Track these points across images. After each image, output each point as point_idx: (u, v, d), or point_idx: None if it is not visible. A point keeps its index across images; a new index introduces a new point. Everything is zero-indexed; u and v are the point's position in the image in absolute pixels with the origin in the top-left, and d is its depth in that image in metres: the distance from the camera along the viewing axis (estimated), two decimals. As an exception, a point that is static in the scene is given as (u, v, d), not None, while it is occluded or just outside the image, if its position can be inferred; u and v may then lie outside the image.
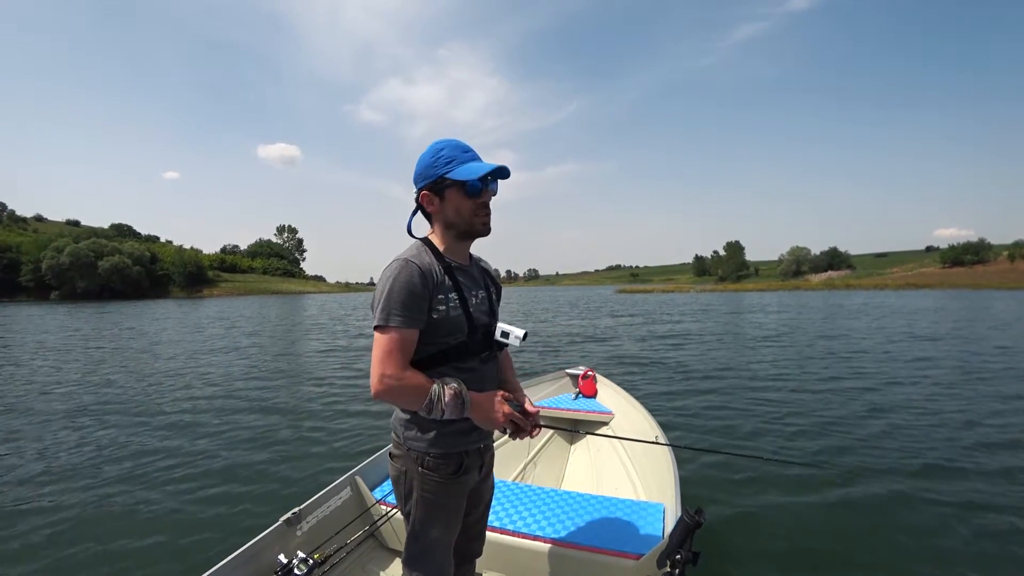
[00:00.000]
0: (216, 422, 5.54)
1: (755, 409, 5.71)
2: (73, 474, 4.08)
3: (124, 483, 3.89)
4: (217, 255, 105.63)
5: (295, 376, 8.42)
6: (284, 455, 4.44)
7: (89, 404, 6.47)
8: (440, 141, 1.39)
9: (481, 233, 1.44)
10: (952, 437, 4.61)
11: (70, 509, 3.46)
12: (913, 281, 58.57)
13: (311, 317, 24.47)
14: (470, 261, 1.53)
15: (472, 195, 1.36)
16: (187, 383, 7.82)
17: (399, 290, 1.29)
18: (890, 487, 3.61)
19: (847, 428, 4.93)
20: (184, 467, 4.18)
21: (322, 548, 1.99)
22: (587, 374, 4.32)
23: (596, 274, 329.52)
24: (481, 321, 1.45)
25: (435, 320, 1.35)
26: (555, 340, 13.21)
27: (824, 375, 7.55)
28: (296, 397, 6.76)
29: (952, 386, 6.70)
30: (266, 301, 50.46)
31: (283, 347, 12.72)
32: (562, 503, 2.35)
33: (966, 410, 5.50)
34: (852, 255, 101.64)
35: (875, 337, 12.24)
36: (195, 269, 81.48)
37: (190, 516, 3.34)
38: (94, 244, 72.42)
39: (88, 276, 70.05)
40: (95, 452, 4.60)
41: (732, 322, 17.76)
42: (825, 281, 74.59)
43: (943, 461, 4.07)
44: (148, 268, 77.34)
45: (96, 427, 5.42)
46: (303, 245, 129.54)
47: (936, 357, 9.06)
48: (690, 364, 8.77)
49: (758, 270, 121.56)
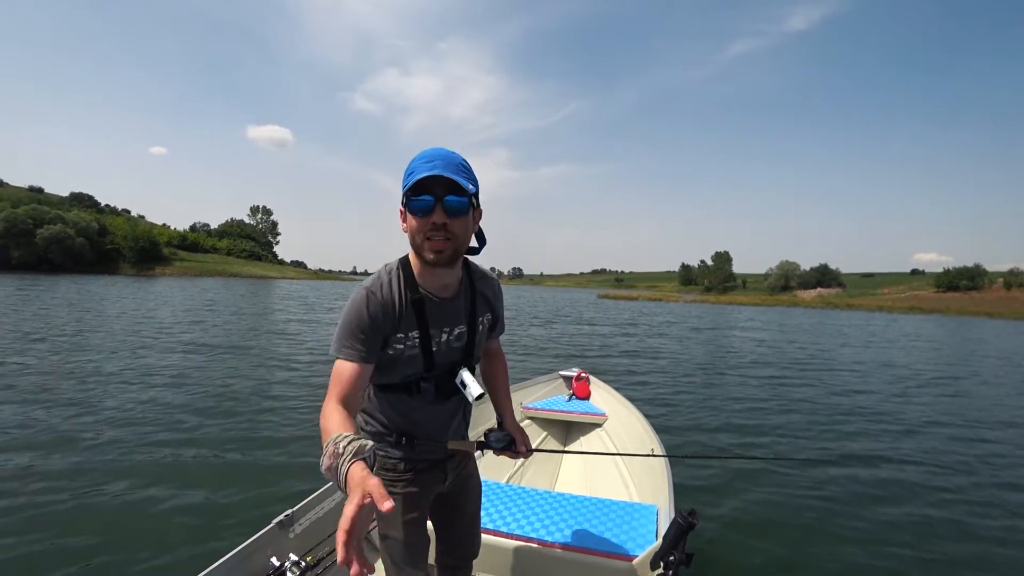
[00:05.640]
0: (196, 419, 5.14)
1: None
2: (47, 474, 3.75)
3: (106, 484, 3.62)
4: (178, 232, 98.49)
5: (281, 369, 8.00)
6: (275, 456, 4.27)
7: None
8: (421, 152, 1.18)
9: (428, 261, 1.19)
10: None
11: (50, 507, 3.27)
12: (918, 305, 55.14)
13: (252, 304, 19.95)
14: (457, 291, 1.33)
15: (417, 213, 1.16)
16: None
17: (348, 322, 1.22)
18: (885, 492, 3.96)
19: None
20: (172, 467, 3.99)
21: (314, 550, 1.99)
22: (580, 376, 4.26)
23: (580, 276, 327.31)
24: (445, 360, 1.34)
25: (390, 356, 1.28)
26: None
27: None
28: (285, 392, 6.46)
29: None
30: (213, 284, 45.20)
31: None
32: (555, 505, 2.35)
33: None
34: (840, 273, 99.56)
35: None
36: (147, 245, 74.86)
37: (179, 519, 3.20)
38: (33, 211, 65.71)
39: (23, 245, 63.40)
40: (68, 448, 4.24)
41: (735, 355, 13.27)
42: (819, 298, 71.12)
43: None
44: (95, 241, 70.70)
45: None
46: (277, 228, 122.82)
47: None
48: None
49: (745, 282, 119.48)
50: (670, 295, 75.66)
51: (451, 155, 1.16)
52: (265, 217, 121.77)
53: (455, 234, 1.17)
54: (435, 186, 1.12)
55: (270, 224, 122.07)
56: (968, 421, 6.46)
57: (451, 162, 1.15)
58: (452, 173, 1.12)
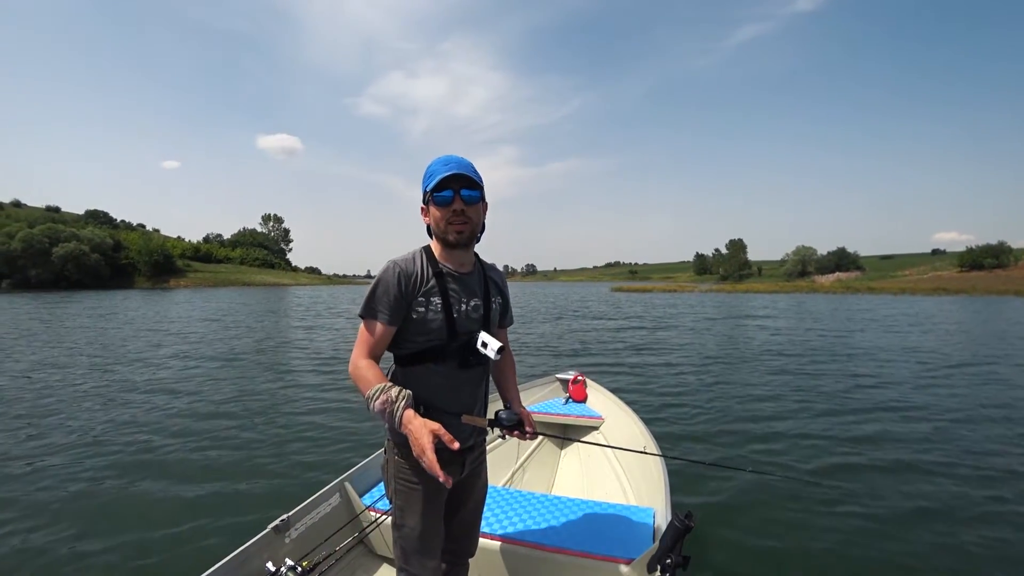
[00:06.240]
0: (198, 425, 5.30)
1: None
2: (43, 476, 3.91)
3: (101, 491, 3.68)
4: (191, 244, 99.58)
5: (276, 373, 8.13)
6: (270, 461, 4.29)
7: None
8: (437, 158, 1.50)
9: (452, 243, 1.49)
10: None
11: (45, 512, 3.33)
12: (942, 286, 53.25)
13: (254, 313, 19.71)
14: (472, 268, 1.59)
15: (440, 205, 1.46)
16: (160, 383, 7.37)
17: (376, 288, 1.45)
18: (881, 496, 3.65)
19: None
20: (166, 473, 4.01)
21: (310, 555, 1.98)
22: (577, 379, 4.21)
23: (594, 270, 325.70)
24: (467, 328, 1.51)
25: (414, 320, 1.46)
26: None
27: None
28: (278, 399, 6.46)
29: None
30: (225, 294, 45.33)
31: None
32: (552, 508, 2.34)
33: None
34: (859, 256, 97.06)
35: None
36: (161, 258, 75.73)
37: (174, 524, 3.18)
38: (49, 230, 66.66)
39: (40, 264, 64.41)
40: (64, 455, 4.39)
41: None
42: (838, 283, 69.32)
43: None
44: (109, 256, 71.74)
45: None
46: (289, 235, 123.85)
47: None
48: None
49: (761, 270, 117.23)
50: (684, 286, 74.33)
51: (462, 159, 1.48)
52: (277, 225, 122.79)
53: (471, 218, 1.47)
54: (453, 182, 1.43)
55: (282, 232, 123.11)
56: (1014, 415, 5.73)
57: (463, 164, 1.47)
58: (466, 171, 1.44)
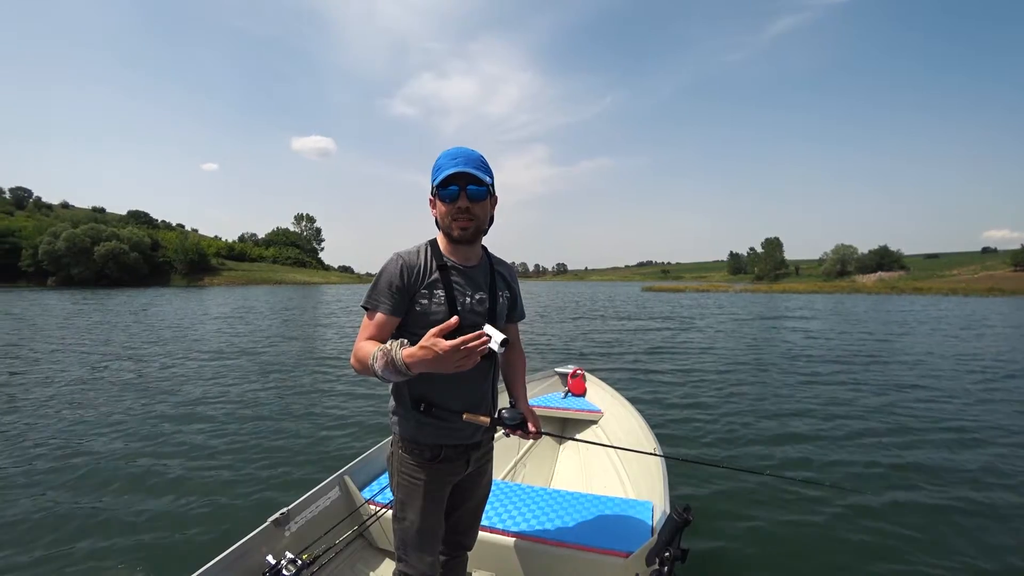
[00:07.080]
0: (199, 424, 5.17)
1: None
2: (46, 473, 3.88)
3: (104, 484, 3.66)
4: (226, 243, 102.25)
5: (279, 372, 7.92)
6: (271, 454, 4.27)
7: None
8: (445, 151, 1.45)
9: (456, 239, 1.47)
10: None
11: (51, 509, 3.29)
12: (996, 286, 49.54)
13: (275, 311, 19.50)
14: (478, 262, 1.57)
15: (445, 200, 1.43)
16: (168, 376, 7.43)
17: (380, 279, 1.46)
18: (881, 498, 3.51)
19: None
20: (167, 466, 4.00)
21: (310, 548, 1.98)
22: (576, 373, 4.20)
23: (626, 270, 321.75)
24: (471, 321, 1.46)
25: (417, 312, 1.46)
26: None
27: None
28: (284, 394, 6.45)
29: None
30: (255, 292, 45.98)
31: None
32: (551, 502, 2.34)
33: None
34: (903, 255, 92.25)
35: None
36: (196, 256, 77.83)
37: (175, 516, 3.19)
38: (91, 230, 69.27)
39: (82, 262, 66.99)
40: (67, 454, 4.30)
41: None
42: (880, 283, 65.72)
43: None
44: (148, 255, 74.16)
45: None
46: (321, 235, 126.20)
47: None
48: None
49: (798, 269, 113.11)
50: (718, 285, 71.77)
51: (471, 152, 1.43)
52: (309, 224, 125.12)
53: (476, 215, 1.44)
54: (460, 178, 1.40)
55: (314, 231, 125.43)
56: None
57: (471, 159, 1.41)
58: (472, 168, 1.39)
